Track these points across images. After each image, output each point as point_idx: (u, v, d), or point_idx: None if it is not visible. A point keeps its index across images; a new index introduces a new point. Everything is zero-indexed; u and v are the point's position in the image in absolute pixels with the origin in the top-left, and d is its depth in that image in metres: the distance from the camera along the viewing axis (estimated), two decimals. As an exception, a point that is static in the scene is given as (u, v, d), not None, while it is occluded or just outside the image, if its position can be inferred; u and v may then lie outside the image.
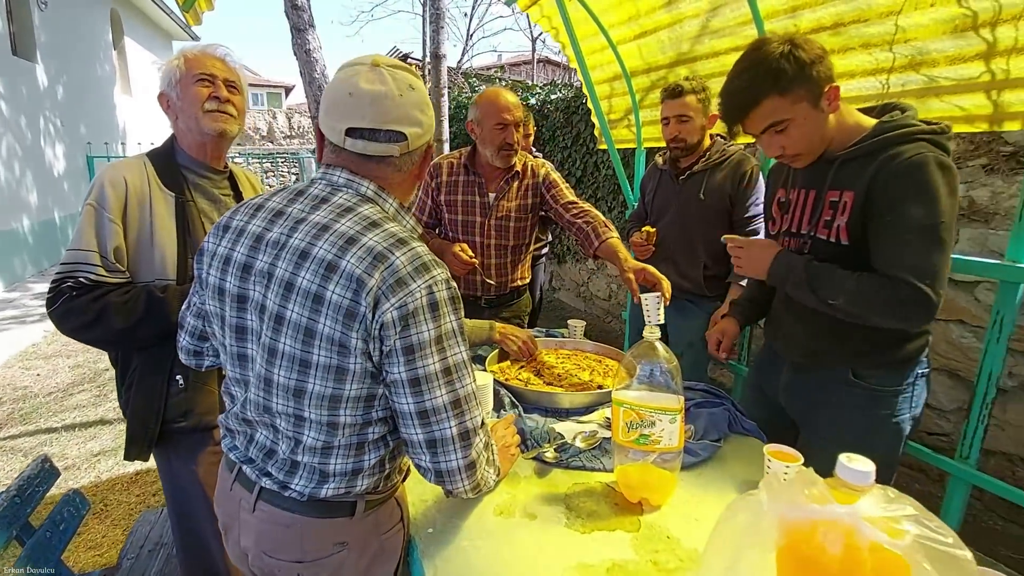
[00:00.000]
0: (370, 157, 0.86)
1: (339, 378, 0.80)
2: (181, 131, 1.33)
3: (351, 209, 0.84)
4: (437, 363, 0.80)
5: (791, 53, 1.14)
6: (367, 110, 0.82)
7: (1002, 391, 2.37)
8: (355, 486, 0.87)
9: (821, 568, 0.60)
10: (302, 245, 0.80)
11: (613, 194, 5.03)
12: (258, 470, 0.90)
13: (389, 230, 0.82)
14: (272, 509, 0.88)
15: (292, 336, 0.80)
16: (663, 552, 0.97)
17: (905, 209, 1.11)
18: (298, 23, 5.09)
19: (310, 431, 0.84)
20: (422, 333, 0.79)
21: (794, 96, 1.15)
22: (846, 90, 1.92)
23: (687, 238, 2.20)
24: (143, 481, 2.69)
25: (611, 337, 4.91)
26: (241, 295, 0.86)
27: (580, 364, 1.77)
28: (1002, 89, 1.52)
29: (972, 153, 2.34)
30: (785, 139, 1.21)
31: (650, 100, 2.93)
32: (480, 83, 10.72)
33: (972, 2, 1.50)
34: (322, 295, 0.77)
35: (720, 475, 1.23)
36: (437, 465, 0.85)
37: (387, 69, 0.84)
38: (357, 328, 0.77)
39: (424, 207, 2.13)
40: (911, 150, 1.12)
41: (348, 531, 0.89)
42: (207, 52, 1.34)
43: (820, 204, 1.27)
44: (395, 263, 0.78)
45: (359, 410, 0.84)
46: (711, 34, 2.38)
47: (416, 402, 0.81)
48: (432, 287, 0.80)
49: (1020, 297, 1.52)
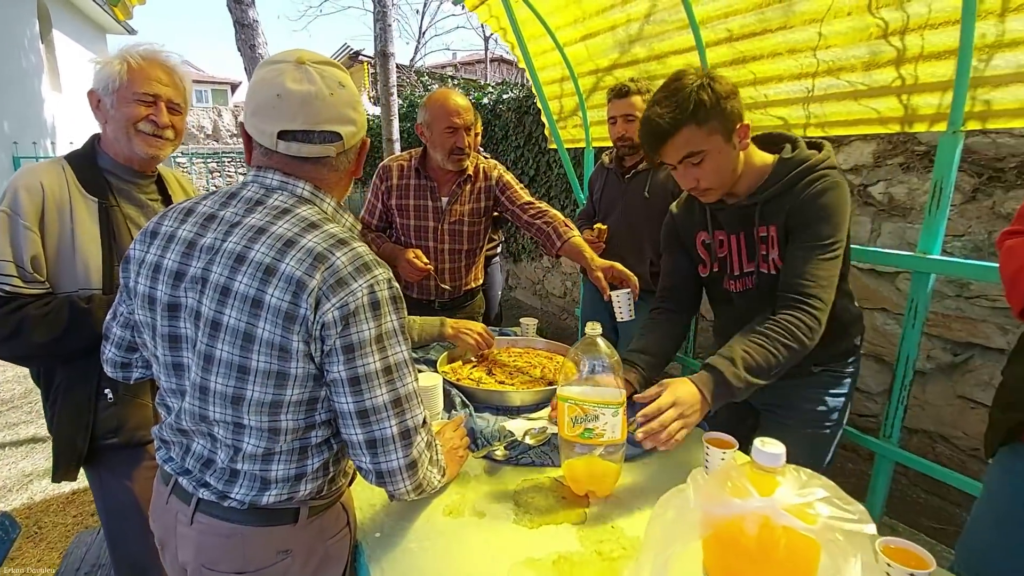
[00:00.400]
0: (305, 159, 0.85)
1: (280, 383, 0.79)
2: (108, 138, 1.27)
3: (288, 211, 0.83)
4: (377, 362, 0.80)
5: (708, 86, 1.19)
6: (298, 112, 0.80)
7: (921, 373, 2.55)
8: (298, 491, 0.86)
9: (741, 552, 0.64)
10: (238, 249, 0.79)
11: (566, 193, 5.10)
12: (195, 481, 0.88)
13: (329, 231, 0.81)
14: (211, 520, 0.87)
15: (229, 342, 0.78)
16: (607, 542, 1.01)
17: (817, 227, 1.23)
18: (241, 18, 4.94)
19: (250, 438, 0.83)
20: (362, 332, 0.78)
21: (710, 128, 1.20)
22: (775, 93, 2.02)
23: (634, 235, 2.26)
24: (80, 501, 2.56)
25: (566, 334, 4.98)
26: (173, 303, 0.83)
27: (532, 362, 1.80)
28: (911, 93, 1.63)
29: (891, 153, 2.51)
30: (699, 171, 1.25)
31: (597, 100, 3.00)
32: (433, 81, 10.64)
33: (883, 12, 1.61)
34: (261, 299, 0.76)
35: (663, 465, 1.28)
36: (378, 465, 0.84)
37: (314, 67, 0.82)
38: (298, 331, 0.77)
39: (374, 210, 2.11)
40: (820, 178, 1.24)
41: (292, 538, 0.88)
42: (155, 62, 1.26)
43: (753, 242, 1.34)
44: (336, 263, 0.78)
45: (301, 414, 0.83)
46: (652, 37, 2.46)
47: (356, 401, 0.80)
48: (374, 286, 0.80)
49: (932, 286, 1.65)
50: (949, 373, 2.49)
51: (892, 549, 0.83)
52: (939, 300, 2.45)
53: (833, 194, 1.23)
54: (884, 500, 1.77)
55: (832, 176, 1.24)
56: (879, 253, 1.85)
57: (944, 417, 2.51)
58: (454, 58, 19.47)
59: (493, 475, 1.23)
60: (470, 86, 9.31)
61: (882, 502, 1.76)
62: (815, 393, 1.44)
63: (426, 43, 17.67)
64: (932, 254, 1.61)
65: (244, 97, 0.91)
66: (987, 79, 1.47)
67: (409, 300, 2.12)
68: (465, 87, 9.63)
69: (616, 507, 1.11)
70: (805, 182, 1.25)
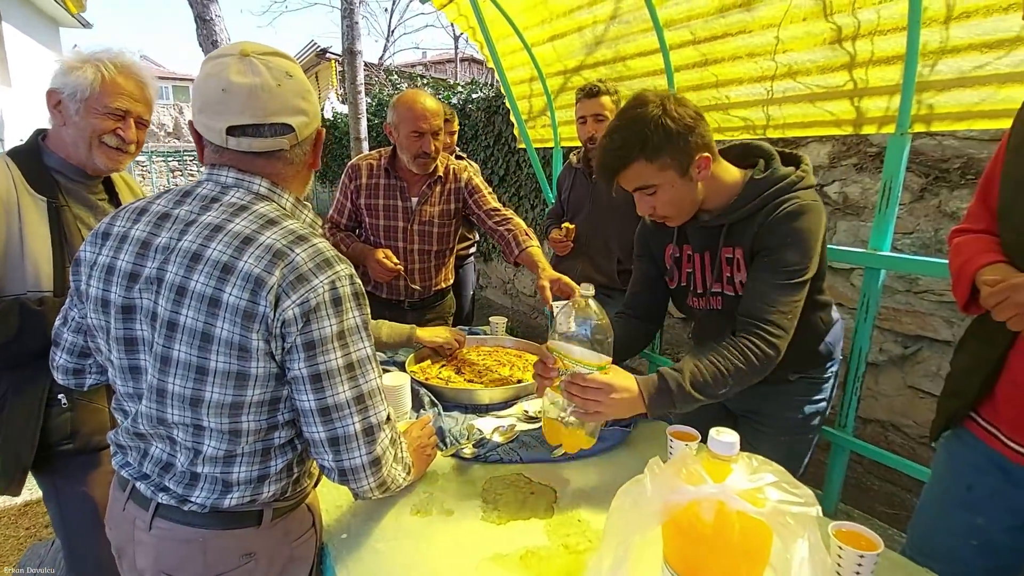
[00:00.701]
0: (258, 154, 0.83)
1: (240, 384, 0.78)
2: (63, 139, 1.22)
3: (245, 208, 0.81)
4: (339, 359, 0.80)
5: (660, 120, 1.13)
6: (245, 105, 0.79)
7: (875, 365, 2.66)
8: (261, 493, 0.85)
9: (697, 536, 0.66)
10: (193, 247, 0.77)
11: (535, 192, 5.13)
12: (154, 486, 0.86)
13: (288, 227, 0.80)
14: (171, 525, 0.85)
15: (187, 343, 0.77)
16: (574, 535, 1.02)
17: (783, 255, 1.18)
18: (203, 12, 4.80)
19: (210, 440, 0.81)
20: (323, 328, 0.78)
21: (661, 163, 1.16)
22: (736, 95, 2.08)
23: (601, 234, 2.30)
24: (32, 512, 2.45)
25: (536, 333, 5.01)
26: (127, 305, 0.81)
27: (500, 360, 1.81)
28: (862, 96, 1.71)
29: (845, 154, 2.61)
30: (654, 201, 1.22)
31: (565, 100, 3.02)
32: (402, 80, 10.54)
33: (836, 18, 1.67)
34: (218, 298, 0.75)
35: (629, 458, 1.30)
36: (340, 463, 0.83)
37: (258, 58, 0.80)
38: (257, 329, 0.76)
39: (343, 210, 2.08)
40: (788, 201, 1.19)
41: (255, 541, 0.87)
42: (129, 75, 1.23)
43: (717, 263, 1.30)
44: (296, 260, 0.77)
45: (263, 415, 0.82)
46: (619, 39, 2.49)
47: (318, 399, 0.80)
48: (335, 282, 0.79)
49: (883, 281, 1.72)
50: (900, 365, 2.60)
51: (844, 533, 0.87)
52: (890, 295, 2.56)
53: (803, 220, 1.17)
54: (840, 488, 1.84)
55: (802, 199, 1.18)
56: (833, 250, 1.91)
57: (895, 407, 2.63)
58: (424, 57, 19.35)
59: (462, 473, 1.23)
60: (439, 85, 9.26)
61: (838, 490, 1.83)
62: (793, 401, 1.43)
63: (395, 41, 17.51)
64: (882, 250, 1.68)
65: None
66: (931, 84, 1.54)
67: (378, 300, 2.11)
68: (434, 86, 9.58)
69: (583, 501, 1.13)
70: (773, 205, 1.19)
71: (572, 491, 1.16)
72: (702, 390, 1.15)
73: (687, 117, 1.15)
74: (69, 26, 12.18)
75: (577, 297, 1.16)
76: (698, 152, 1.17)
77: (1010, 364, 1.00)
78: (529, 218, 5.21)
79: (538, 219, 5.05)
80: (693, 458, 0.69)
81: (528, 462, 1.26)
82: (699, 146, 1.17)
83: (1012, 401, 1.01)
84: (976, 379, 1.05)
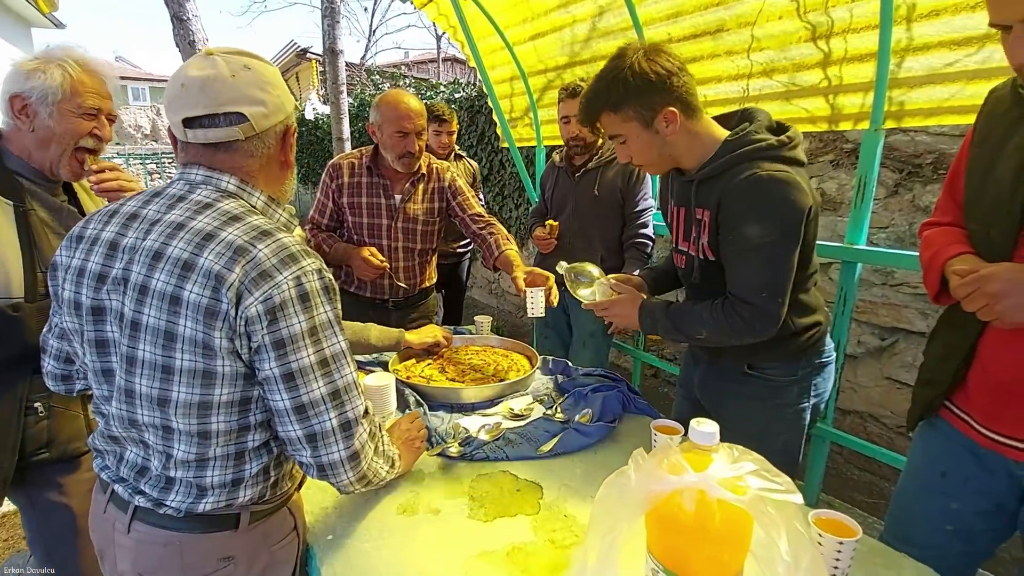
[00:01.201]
0: (217, 146, 0.83)
1: (206, 383, 0.78)
2: (25, 143, 1.19)
3: (210, 205, 0.81)
4: (312, 355, 0.79)
5: (624, 75, 1.18)
6: (199, 96, 0.79)
7: (853, 357, 2.72)
8: (237, 497, 0.84)
9: (679, 526, 0.67)
10: (155, 246, 0.77)
11: (519, 191, 5.14)
12: (131, 488, 0.85)
13: (252, 223, 0.80)
14: (148, 528, 0.84)
15: (151, 342, 0.77)
16: (560, 531, 1.03)
17: (743, 229, 1.18)
18: (179, 12, 4.72)
19: (180, 444, 0.80)
20: (293, 326, 0.77)
21: (623, 115, 1.23)
22: (714, 93, 2.11)
23: (584, 232, 2.31)
24: (11, 524, 2.39)
25: (521, 332, 5.02)
26: (96, 307, 0.81)
27: (486, 359, 1.81)
28: (837, 93, 1.74)
29: (822, 150, 2.66)
30: (627, 149, 1.29)
31: (547, 100, 3.03)
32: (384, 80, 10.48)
33: (811, 16, 1.70)
34: (179, 295, 0.75)
35: (614, 453, 1.31)
36: (319, 459, 0.82)
37: (220, 55, 0.82)
38: (220, 327, 0.75)
39: (325, 210, 2.07)
40: (747, 170, 1.16)
41: (233, 545, 0.86)
42: (94, 72, 1.21)
43: (690, 222, 1.32)
44: (257, 256, 0.76)
45: (233, 416, 0.81)
46: (599, 38, 2.51)
47: (292, 397, 0.79)
48: (300, 278, 0.78)
49: (859, 274, 1.76)
50: (877, 356, 2.66)
51: (823, 520, 0.90)
52: (867, 288, 2.61)
53: (764, 189, 1.14)
54: (821, 478, 1.88)
55: (765, 169, 1.15)
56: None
57: (873, 398, 2.68)
58: (407, 57, 19.25)
59: (448, 472, 1.23)
60: (421, 85, 9.22)
61: (819, 480, 1.87)
62: (756, 401, 1.39)
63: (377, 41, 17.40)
64: (858, 244, 1.72)
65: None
66: (903, 80, 1.58)
67: (362, 300, 2.10)
68: (416, 86, 9.54)
69: (569, 496, 1.14)
70: (736, 170, 1.18)
71: (558, 487, 1.17)
72: (677, 324, 1.32)
73: (652, 73, 1.18)
74: (41, 26, 11.86)
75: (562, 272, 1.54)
76: (664, 106, 1.20)
77: (980, 352, 1.03)
78: (513, 217, 5.22)
79: (522, 218, 5.05)
80: (675, 449, 0.70)
81: (515, 459, 1.26)
82: (667, 100, 1.20)
83: (983, 388, 1.03)
84: (949, 367, 1.08)
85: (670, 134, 1.23)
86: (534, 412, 1.48)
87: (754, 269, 1.20)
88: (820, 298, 1.37)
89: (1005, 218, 0.95)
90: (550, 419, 1.43)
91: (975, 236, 1.01)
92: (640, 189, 2.23)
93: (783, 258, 1.18)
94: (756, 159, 1.17)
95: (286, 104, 0.88)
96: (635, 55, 1.20)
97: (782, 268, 1.19)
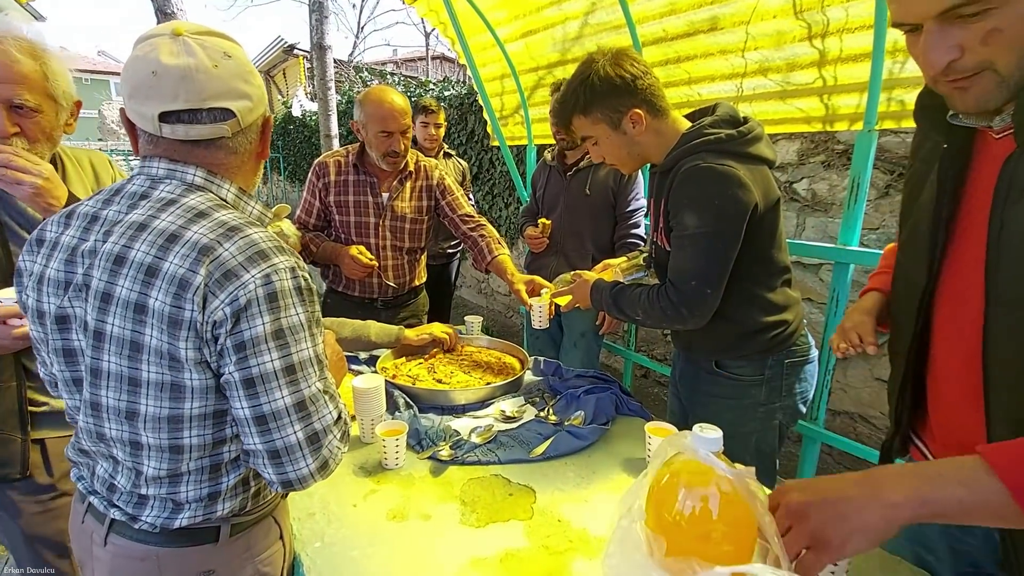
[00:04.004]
0: (197, 143, 0.77)
1: (175, 396, 0.73)
2: None
3: (174, 202, 0.75)
4: (276, 360, 0.72)
5: (590, 80, 1.25)
6: (178, 89, 0.72)
7: (843, 359, 2.73)
8: (215, 511, 0.80)
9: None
10: (116, 250, 0.72)
11: (509, 190, 5.11)
12: (106, 501, 0.81)
13: (219, 219, 0.73)
14: (125, 542, 0.80)
15: (115, 352, 0.72)
16: (554, 536, 1.01)
17: (681, 217, 1.23)
18: (164, 6, 4.63)
19: (150, 460, 0.76)
20: (255, 328, 0.71)
21: (592, 118, 1.30)
22: (708, 92, 2.10)
23: (576, 231, 2.29)
24: None
25: (511, 331, 5.00)
26: (61, 315, 0.76)
27: (478, 361, 1.78)
28: (832, 93, 1.73)
29: (813, 151, 2.66)
30: (599, 150, 1.36)
31: (538, 98, 3.01)
32: (372, 78, 10.41)
33: (806, 15, 1.69)
34: (144, 303, 0.70)
35: (607, 456, 1.29)
36: (284, 475, 0.76)
37: (193, 37, 0.74)
38: (185, 336, 0.70)
39: (311, 209, 2.03)
40: (690, 162, 1.21)
41: (214, 558, 0.82)
42: None
43: (658, 213, 1.36)
44: (223, 255, 0.70)
45: (207, 429, 0.76)
46: (591, 35, 2.49)
47: (252, 406, 0.72)
48: (270, 275, 0.72)
49: (851, 275, 1.75)
50: (867, 357, 2.67)
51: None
52: (857, 289, 2.61)
53: (702, 181, 1.18)
54: (812, 476, 1.87)
55: (710, 161, 1.18)
56: (803, 246, 1.95)
57: (863, 398, 2.69)
58: (396, 55, 19.12)
59: (438, 476, 1.20)
60: (410, 83, 9.16)
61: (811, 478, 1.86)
62: (724, 399, 1.39)
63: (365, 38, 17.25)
64: (851, 246, 1.71)
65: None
66: (901, 81, 1.58)
67: (351, 300, 2.06)
68: (405, 84, 9.47)
69: (563, 501, 1.11)
70: (684, 161, 1.23)
71: (551, 491, 1.14)
72: (618, 302, 1.39)
73: (617, 77, 1.24)
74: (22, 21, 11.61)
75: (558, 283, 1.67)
76: (630, 108, 1.26)
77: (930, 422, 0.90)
78: (503, 216, 5.19)
79: (512, 217, 5.03)
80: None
81: (506, 463, 1.23)
82: (632, 103, 1.26)
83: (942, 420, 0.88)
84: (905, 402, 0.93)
85: (637, 134, 1.29)
86: (526, 414, 1.46)
87: (687, 257, 1.24)
88: (793, 296, 1.38)
89: (923, 257, 0.82)
90: (542, 421, 1.40)
91: (903, 244, 0.91)
92: (632, 189, 2.21)
93: (717, 250, 1.21)
94: (703, 151, 1.22)
95: (264, 94, 0.84)
96: (602, 61, 1.26)
97: (715, 259, 1.22)
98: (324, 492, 1.13)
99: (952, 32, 0.60)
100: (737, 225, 1.20)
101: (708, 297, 1.24)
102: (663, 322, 1.32)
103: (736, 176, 1.17)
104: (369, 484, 1.17)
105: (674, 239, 1.27)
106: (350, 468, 1.22)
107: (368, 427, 1.31)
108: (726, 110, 1.29)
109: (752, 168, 1.22)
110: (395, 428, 1.24)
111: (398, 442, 1.21)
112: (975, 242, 0.73)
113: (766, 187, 1.24)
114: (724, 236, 1.20)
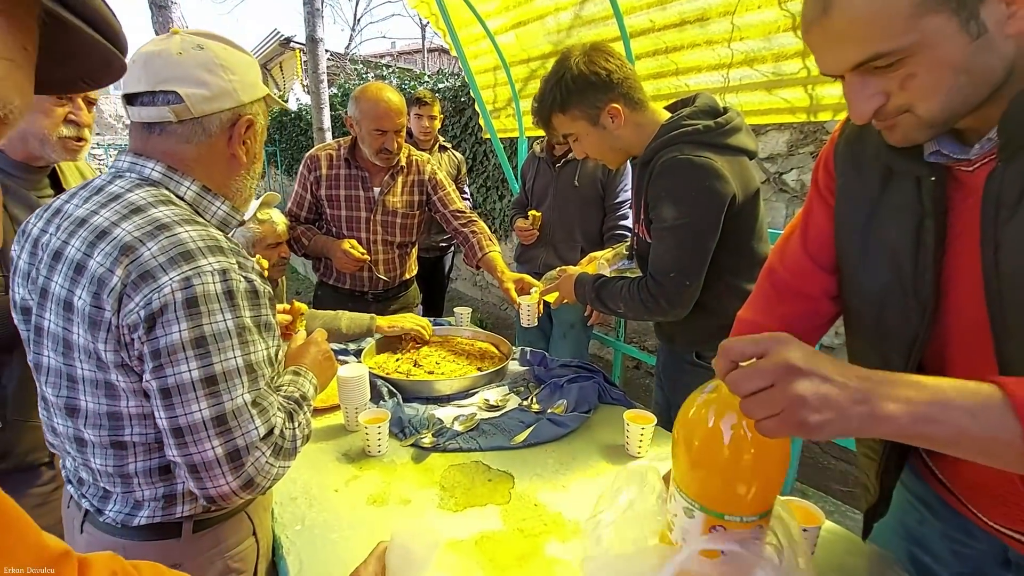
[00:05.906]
0: (151, 127, 0.77)
1: (110, 393, 0.73)
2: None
3: (119, 197, 0.74)
4: (195, 370, 0.68)
5: (565, 78, 1.24)
6: (141, 72, 0.74)
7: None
8: (174, 512, 0.79)
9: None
10: (56, 244, 0.73)
11: (503, 182, 5.11)
12: (78, 491, 0.83)
13: (152, 216, 0.70)
14: (96, 532, 0.82)
15: (52, 348, 0.73)
16: (529, 519, 1.02)
17: (660, 210, 1.23)
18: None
19: (95, 457, 0.76)
20: (171, 335, 0.67)
21: (571, 116, 1.29)
22: (696, 83, 2.10)
23: (565, 223, 2.30)
24: None
25: (506, 324, 5.02)
26: (24, 306, 0.78)
27: (466, 350, 1.79)
28: (816, 84, 1.74)
29: (802, 142, 2.67)
30: (581, 146, 1.35)
31: (531, 89, 3.01)
32: (368, 71, 10.36)
33: (790, 5, 1.70)
34: (71, 301, 0.70)
35: (586, 443, 1.31)
36: (205, 491, 0.72)
37: (182, 35, 0.78)
38: (104, 339, 0.69)
39: (303, 202, 2.03)
40: (668, 154, 1.21)
41: (180, 553, 0.81)
42: None
43: (640, 204, 1.36)
44: (143, 254, 0.67)
45: (150, 428, 0.74)
46: (581, 26, 2.49)
47: (168, 417, 0.69)
48: (191, 279, 0.68)
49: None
50: (856, 348, 2.68)
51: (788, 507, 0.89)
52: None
53: (679, 172, 1.18)
54: (797, 466, 1.89)
55: (688, 153, 1.18)
56: (790, 236, 1.96)
57: (852, 389, 2.71)
58: (393, 47, 19.03)
59: (419, 462, 1.22)
60: (405, 76, 9.12)
61: (795, 468, 1.88)
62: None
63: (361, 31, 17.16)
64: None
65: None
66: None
67: (341, 293, 2.08)
68: (400, 77, 9.44)
69: (540, 486, 1.13)
70: (661, 153, 1.22)
71: (530, 476, 1.16)
72: (600, 295, 1.39)
73: (592, 73, 1.23)
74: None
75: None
76: (608, 103, 1.25)
77: None
78: (497, 209, 5.19)
79: (506, 210, 5.03)
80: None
81: (487, 450, 1.25)
82: (609, 98, 1.25)
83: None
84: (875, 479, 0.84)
85: (616, 128, 1.28)
86: (509, 403, 1.47)
87: (665, 249, 1.25)
88: None
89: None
90: (525, 410, 1.42)
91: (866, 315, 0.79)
92: (620, 180, 2.22)
93: (695, 241, 1.22)
94: (680, 143, 1.21)
95: (240, 93, 0.79)
96: (575, 58, 1.25)
97: (693, 251, 1.23)
98: (307, 477, 1.14)
99: (872, 81, 0.60)
100: (714, 216, 1.20)
101: (688, 289, 1.24)
102: (644, 314, 1.32)
103: (713, 167, 1.18)
104: (352, 470, 1.18)
105: (653, 231, 1.28)
106: (334, 455, 1.24)
107: (352, 415, 1.32)
108: (706, 101, 1.29)
109: (731, 159, 1.21)
110: (378, 416, 1.26)
111: (380, 430, 1.22)
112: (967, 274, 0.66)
113: (745, 178, 1.24)
114: (702, 228, 1.21)
